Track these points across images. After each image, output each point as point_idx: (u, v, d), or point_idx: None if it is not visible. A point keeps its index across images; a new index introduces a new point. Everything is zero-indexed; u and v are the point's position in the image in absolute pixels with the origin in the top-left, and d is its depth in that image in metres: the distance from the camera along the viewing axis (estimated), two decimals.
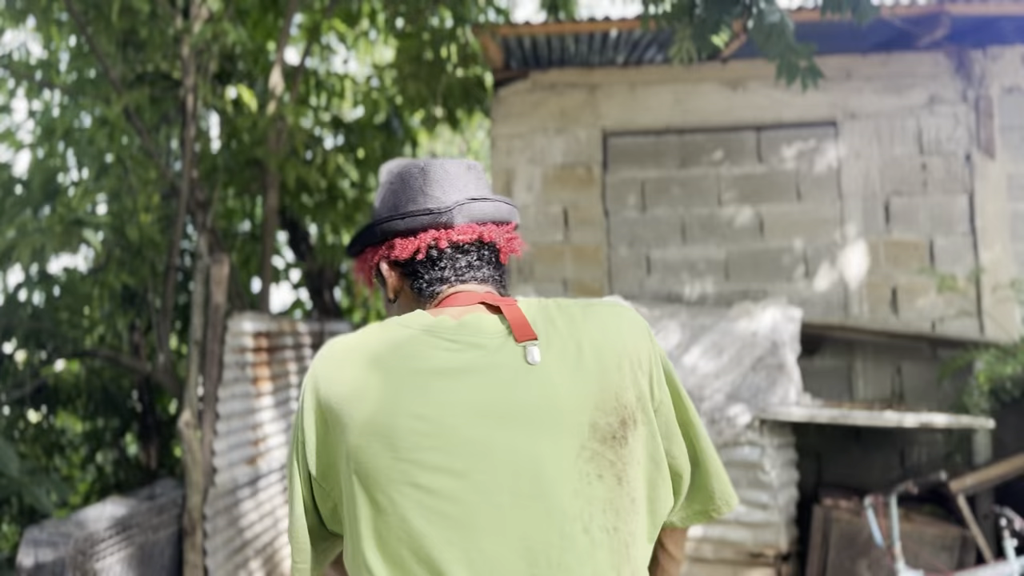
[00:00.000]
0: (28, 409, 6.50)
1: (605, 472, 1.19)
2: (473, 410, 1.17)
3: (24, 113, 6.91)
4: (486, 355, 1.22)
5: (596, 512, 1.17)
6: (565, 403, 1.19)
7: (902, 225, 5.41)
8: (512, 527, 1.13)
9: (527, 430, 1.17)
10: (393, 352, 1.22)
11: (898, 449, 5.27)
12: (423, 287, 1.36)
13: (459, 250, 1.35)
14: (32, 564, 3.74)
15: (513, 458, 1.15)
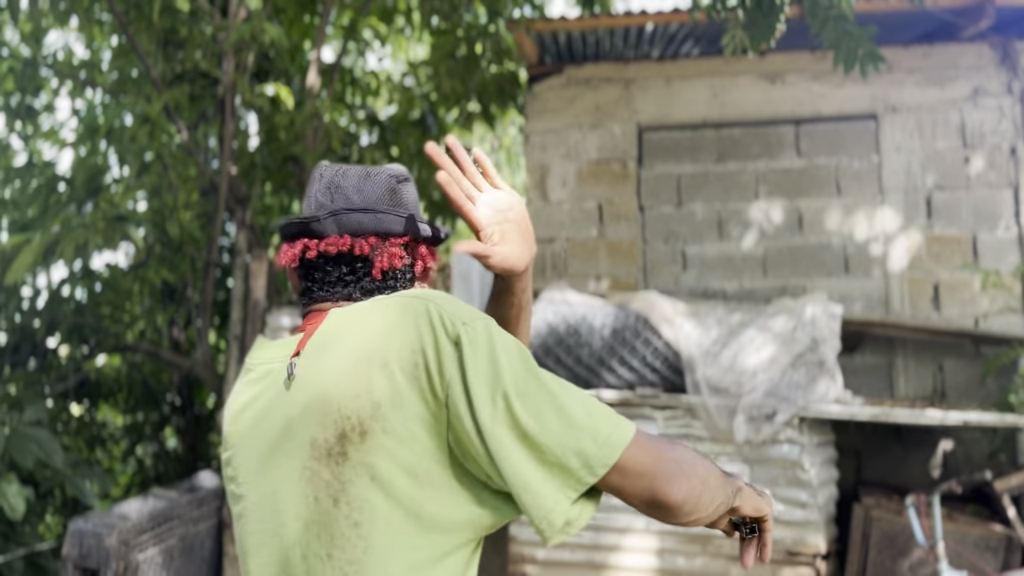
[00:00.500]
0: (71, 402, 6.63)
1: (320, 493, 1.12)
2: (251, 440, 1.22)
3: (67, 112, 7.10)
4: (271, 382, 1.24)
5: (312, 538, 1.12)
6: (296, 421, 1.15)
7: (944, 220, 5.31)
8: (265, 555, 1.18)
9: (274, 454, 1.18)
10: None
11: (940, 447, 5.18)
12: (300, 299, 1.35)
13: (331, 262, 1.30)
14: (77, 555, 3.82)
15: (264, 485, 1.18)
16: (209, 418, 7.29)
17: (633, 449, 1.11)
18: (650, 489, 1.12)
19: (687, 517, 1.15)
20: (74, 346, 6.15)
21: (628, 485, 1.12)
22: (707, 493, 1.16)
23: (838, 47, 3.57)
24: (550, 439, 1.08)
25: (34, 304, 5.87)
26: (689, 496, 1.13)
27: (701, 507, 1.16)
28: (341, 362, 1.14)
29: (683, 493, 1.12)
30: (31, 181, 5.91)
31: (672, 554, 4.56)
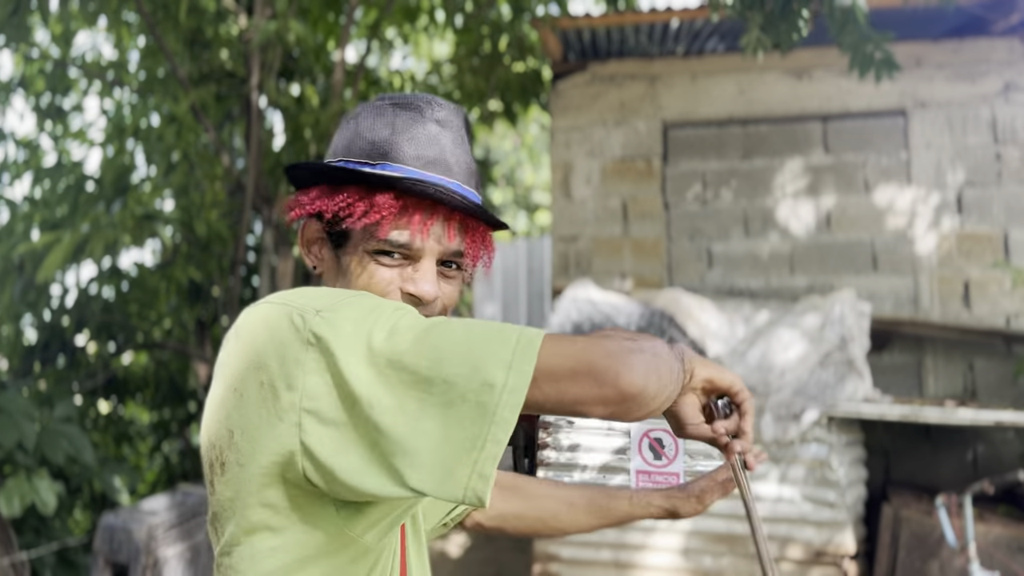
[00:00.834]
0: (99, 399, 6.71)
1: (212, 530, 1.08)
2: None
3: (95, 112, 7.16)
4: None
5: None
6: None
7: (975, 217, 5.24)
8: None
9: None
10: None
11: (970, 448, 5.12)
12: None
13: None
14: (108, 549, 3.86)
15: None
16: None
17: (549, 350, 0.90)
18: (597, 383, 0.89)
19: (654, 401, 0.92)
20: (102, 344, 6.21)
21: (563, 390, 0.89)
22: (663, 363, 0.94)
23: (855, 51, 3.53)
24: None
25: (63, 302, 5.94)
26: (647, 373, 0.90)
27: (664, 382, 0.93)
28: (216, 383, 1.03)
29: (640, 372, 0.89)
30: (60, 181, 5.98)
31: (698, 553, 4.54)
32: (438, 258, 1.12)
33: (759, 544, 1.07)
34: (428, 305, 1.10)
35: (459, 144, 1.13)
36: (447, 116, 1.13)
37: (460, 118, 1.15)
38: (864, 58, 3.53)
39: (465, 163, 1.13)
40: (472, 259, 1.15)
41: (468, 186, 1.13)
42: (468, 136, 1.16)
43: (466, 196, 1.10)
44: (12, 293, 5.40)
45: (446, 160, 1.11)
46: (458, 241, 1.12)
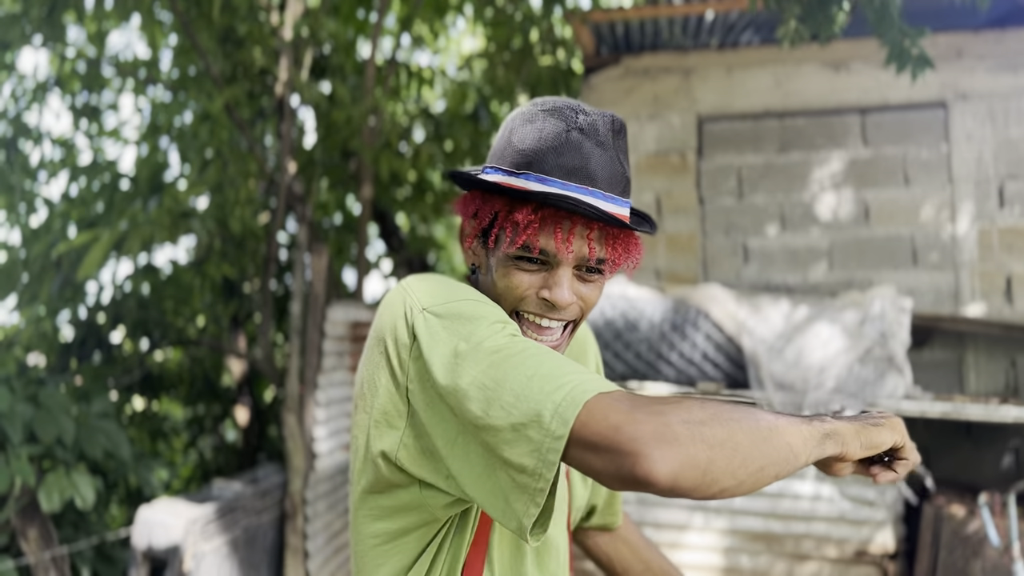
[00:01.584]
0: (134, 396, 6.77)
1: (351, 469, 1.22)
2: None
3: (129, 110, 7.23)
4: None
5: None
6: None
7: (1017, 210, 5.13)
8: None
9: None
10: None
11: (1012, 446, 5.02)
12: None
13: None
14: (146, 544, 3.89)
15: None
16: (268, 411, 7.39)
17: (588, 414, 0.88)
18: (615, 465, 0.85)
19: (710, 487, 0.86)
20: (137, 340, 6.27)
21: (587, 460, 0.89)
22: (736, 456, 0.86)
23: (892, 45, 3.46)
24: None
25: (99, 299, 6.00)
26: (686, 463, 0.83)
27: (724, 476, 0.86)
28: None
29: (669, 462, 0.83)
30: (96, 179, 6.04)
31: (735, 552, 4.49)
32: (577, 264, 1.15)
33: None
34: (562, 310, 1.15)
35: (605, 150, 1.13)
36: (592, 123, 1.13)
37: (607, 124, 1.15)
38: (901, 53, 3.46)
39: (609, 170, 1.13)
40: (614, 265, 1.17)
41: (613, 192, 1.14)
42: (618, 141, 1.16)
43: (608, 205, 1.12)
44: (50, 290, 5.46)
45: (588, 169, 1.11)
46: (599, 250, 1.14)
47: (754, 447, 0.88)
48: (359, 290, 6.42)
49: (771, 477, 0.91)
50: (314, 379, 4.79)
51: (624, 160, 1.16)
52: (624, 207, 1.16)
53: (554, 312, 1.15)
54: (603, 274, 1.17)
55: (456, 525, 1.15)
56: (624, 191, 1.16)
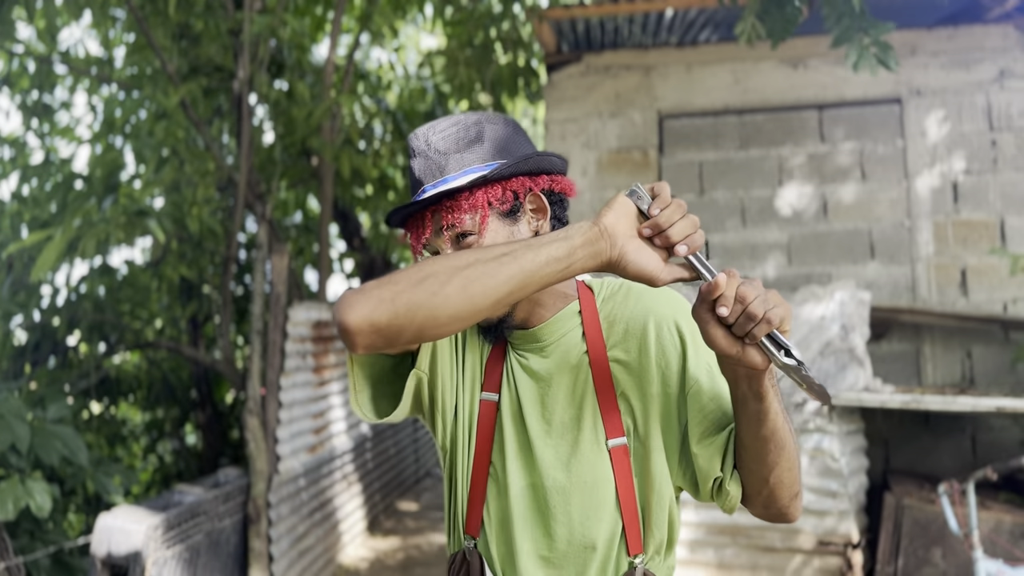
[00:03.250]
0: (91, 400, 6.63)
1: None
2: None
3: (83, 108, 7.02)
4: None
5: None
6: None
7: (971, 204, 5.24)
8: None
9: None
10: None
11: (969, 435, 5.12)
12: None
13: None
14: (106, 552, 3.80)
15: None
16: (228, 413, 7.28)
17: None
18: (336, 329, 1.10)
19: (403, 321, 1.07)
20: (94, 343, 6.14)
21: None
22: (431, 281, 1.08)
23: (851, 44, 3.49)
24: None
25: (54, 302, 5.86)
26: (372, 304, 1.07)
27: (421, 298, 1.07)
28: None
29: (356, 310, 1.07)
30: (48, 178, 5.89)
31: (701, 545, 4.52)
32: (452, 242, 1.31)
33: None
34: None
35: (423, 158, 1.34)
36: (412, 145, 1.36)
37: (423, 138, 1.35)
38: (862, 51, 3.49)
39: (425, 169, 1.34)
40: (459, 224, 1.29)
41: (433, 180, 1.32)
42: (432, 137, 1.34)
43: (434, 190, 1.31)
44: (1, 293, 5.32)
45: (415, 180, 1.35)
46: (443, 221, 1.30)
47: (455, 271, 1.08)
48: (321, 290, 6.36)
49: (492, 289, 1.09)
50: (276, 381, 4.73)
51: (446, 149, 1.33)
52: (445, 183, 1.31)
53: None
54: (474, 233, 1.30)
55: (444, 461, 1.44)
56: (455, 167, 1.32)
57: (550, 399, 1.35)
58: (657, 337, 1.30)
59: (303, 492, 5.19)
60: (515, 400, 1.37)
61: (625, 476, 1.31)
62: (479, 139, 1.34)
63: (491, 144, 1.34)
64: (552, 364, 1.35)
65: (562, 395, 1.34)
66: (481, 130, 1.35)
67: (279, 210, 7.85)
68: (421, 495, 8.09)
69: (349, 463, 6.19)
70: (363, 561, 5.91)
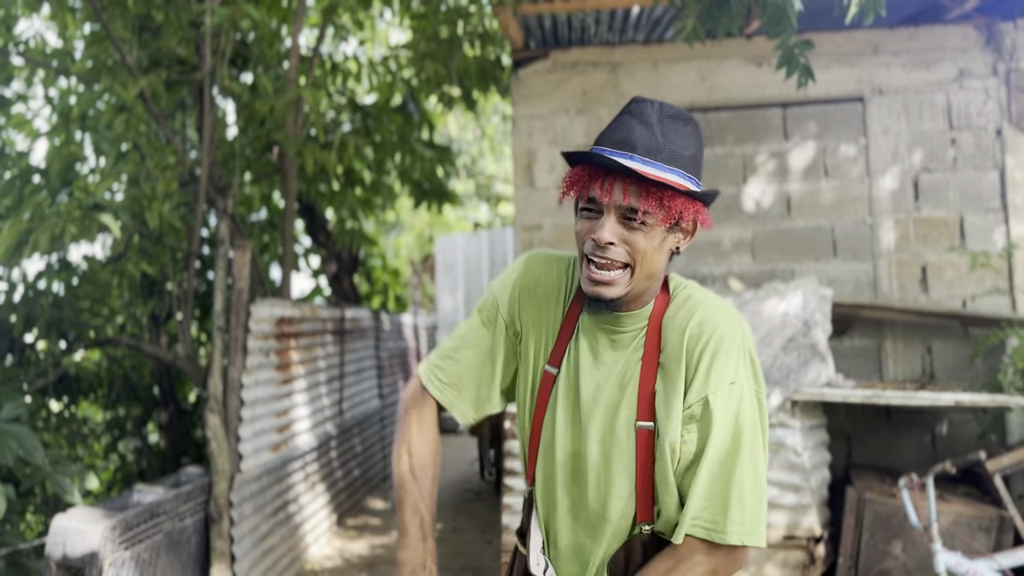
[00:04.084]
0: (50, 399, 6.50)
1: None
2: None
3: (40, 101, 6.85)
4: None
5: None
6: None
7: (932, 202, 5.31)
8: None
9: None
10: None
11: (929, 429, 5.20)
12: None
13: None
14: (61, 554, 3.73)
15: None
16: (192, 412, 7.18)
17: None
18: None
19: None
20: (52, 341, 6.01)
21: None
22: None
23: (784, 49, 3.55)
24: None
25: (10, 298, 5.73)
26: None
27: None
28: None
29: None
30: (4, 172, 5.76)
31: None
32: (620, 214, 1.43)
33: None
34: (604, 248, 1.44)
35: (647, 127, 1.42)
36: (641, 109, 1.45)
37: (655, 109, 1.44)
38: (792, 59, 3.55)
39: (648, 142, 1.42)
40: (647, 215, 1.41)
41: (652, 158, 1.41)
42: (665, 122, 1.44)
43: (643, 167, 1.40)
44: None
45: (630, 140, 1.42)
46: (632, 199, 1.41)
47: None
48: (285, 286, 6.29)
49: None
50: (238, 378, 4.66)
51: (670, 137, 1.43)
52: (659, 170, 1.41)
53: (600, 251, 1.44)
54: (646, 224, 1.42)
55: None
56: (668, 159, 1.43)
57: (603, 381, 1.53)
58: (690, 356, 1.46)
59: (267, 491, 5.14)
60: (573, 376, 1.56)
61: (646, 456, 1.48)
62: (695, 148, 1.47)
63: (696, 155, 1.48)
64: (614, 352, 1.54)
65: (613, 380, 1.52)
66: (699, 140, 1.49)
67: (243, 205, 7.75)
68: (388, 493, 8.05)
69: (314, 461, 6.13)
70: (328, 560, 5.87)
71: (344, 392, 7.03)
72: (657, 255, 1.45)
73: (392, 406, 9.05)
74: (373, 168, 7.92)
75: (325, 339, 6.39)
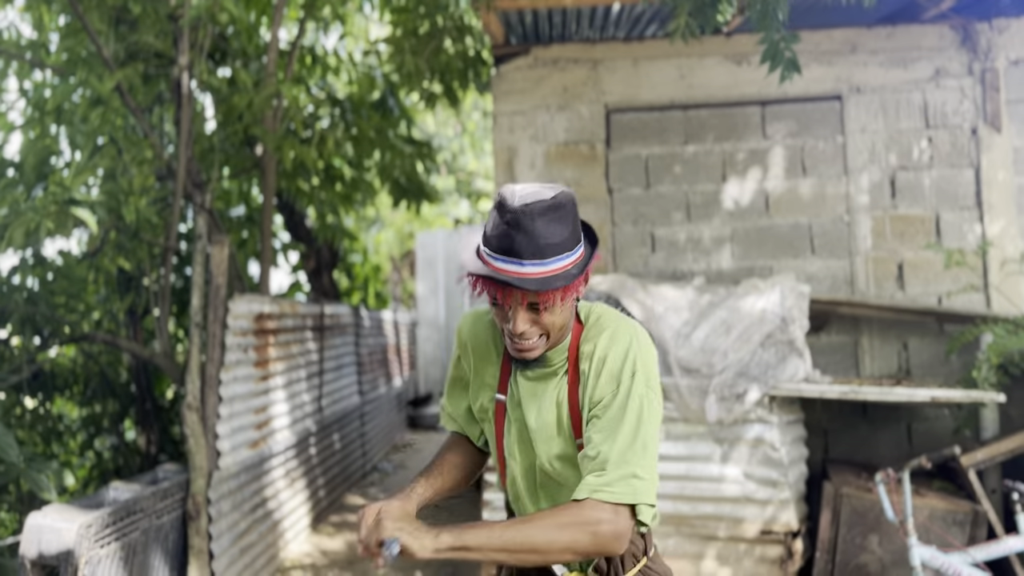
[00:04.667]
0: (25, 395, 6.42)
1: None
2: None
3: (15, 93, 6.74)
4: None
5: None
6: None
7: (908, 200, 5.37)
8: None
9: None
10: None
11: (905, 425, 5.25)
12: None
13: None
14: (36, 552, 3.68)
15: None
16: (169, 409, 7.12)
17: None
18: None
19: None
20: (27, 337, 5.93)
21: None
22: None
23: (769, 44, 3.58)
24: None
25: None
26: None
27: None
28: None
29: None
30: None
31: None
32: (526, 307, 1.64)
33: None
34: (520, 336, 1.68)
35: (526, 234, 1.58)
36: (515, 218, 1.58)
37: (528, 216, 1.58)
38: (776, 53, 3.57)
39: (530, 246, 1.58)
40: (547, 303, 1.62)
41: (536, 259, 1.59)
42: (540, 220, 1.58)
43: (532, 268, 1.59)
44: None
45: (514, 248, 1.59)
46: (532, 297, 1.62)
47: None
48: (264, 282, 6.25)
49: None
50: (216, 375, 4.63)
51: (547, 232, 1.59)
52: (547, 266, 1.60)
53: (516, 337, 1.67)
54: (549, 307, 1.63)
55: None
56: (552, 252, 1.60)
57: (542, 404, 1.79)
58: (590, 367, 1.71)
59: (245, 488, 5.10)
60: (518, 402, 1.82)
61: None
62: (570, 219, 1.63)
63: (573, 223, 1.64)
64: (546, 383, 1.79)
65: (548, 402, 1.77)
66: (570, 208, 1.63)
67: (221, 200, 7.70)
68: (368, 490, 8.03)
69: (293, 458, 6.10)
70: (307, 557, 5.84)
71: (324, 389, 7.00)
72: (565, 315, 1.69)
73: (372, 402, 9.02)
74: (353, 164, 7.88)
75: (304, 335, 6.35)
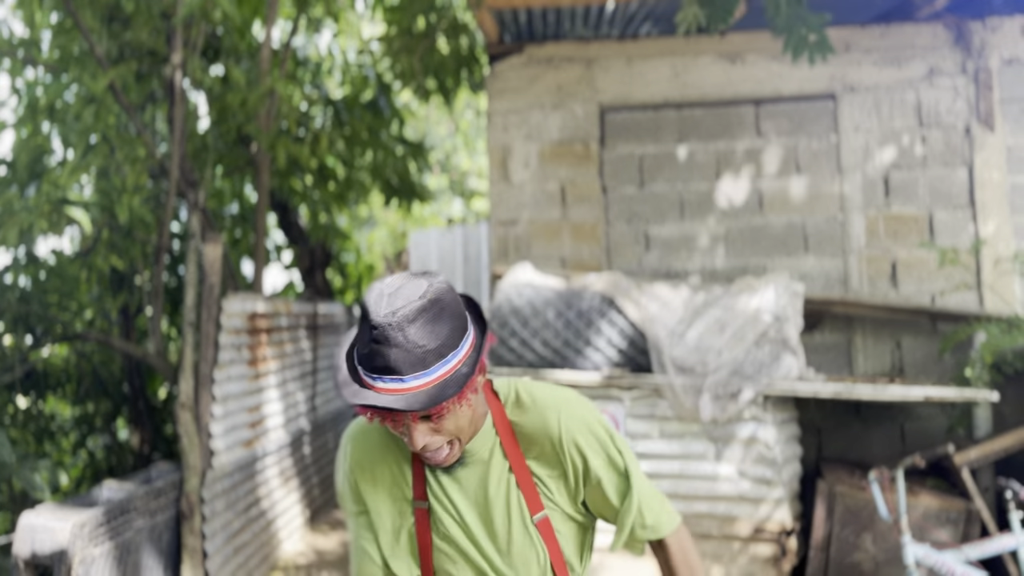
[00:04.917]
0: (17, 394, 6.39)
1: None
2: None
3: (7, 91, 6.70)
4: None
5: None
6: None
7: (902, 199, 5.38)
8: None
9: None
10: None
11: (898, 423, 5.27)
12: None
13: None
14: (29, 552, 3.67)
15: None
16: (162, 408, 7.11)
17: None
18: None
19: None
20: (19, 336, 5.91)
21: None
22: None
23: (790, 33, 3.56)
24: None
25: None
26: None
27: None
28: None
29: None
30: None
31: None
32: (420, 420, 1.47)
33: None
34: (424, 449, 1.49)
35: (400, 348, 1.40)
36: (383, 333, 1.40)
37: (397, 328, 1.40)
38: (799, 40, 3.55)
39: (405, 360, 1.40)
40: (439, 414, 1.46)
41: (414, 371, 1.41)
42: (410, 330, 1.40)
43: (414, 381, 1.41)
44: None
45: (390, 365, 1.41)
46: (421, 412, 1.43)
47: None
48: (257, 281, 6.23)
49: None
50: (210, 374, 4.62)
51: (423, 339, 1.41)
52: (431, 375, 1.42)
53: (422, 450, 1.50)
54: (444, 413, 1.46)
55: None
56: (434, 358, 1.42)
57: (485, 501, 1.60)
58: (568, 455, 1.61)
59: (239, 487, 5.09)
60: (450, 506, 1.61)
61: (552, 541, 1.63)
62: (448, 317, 1.45)
63: (452, 321, 1.46)
64: (480, 472, 1.60)
65: (491, 495, 1.59)
66: (444, 306, 1.45)
67: (214, 199, 7.67)
68: None
69: (287, 457, 6.09)
70: (301, 556, 5.83)
71: (317, 388, 6.98)
72: (469, 412, 1.52)
73: None
74: (346, 163, 7.87)
75: (298, 334, 6.34)
